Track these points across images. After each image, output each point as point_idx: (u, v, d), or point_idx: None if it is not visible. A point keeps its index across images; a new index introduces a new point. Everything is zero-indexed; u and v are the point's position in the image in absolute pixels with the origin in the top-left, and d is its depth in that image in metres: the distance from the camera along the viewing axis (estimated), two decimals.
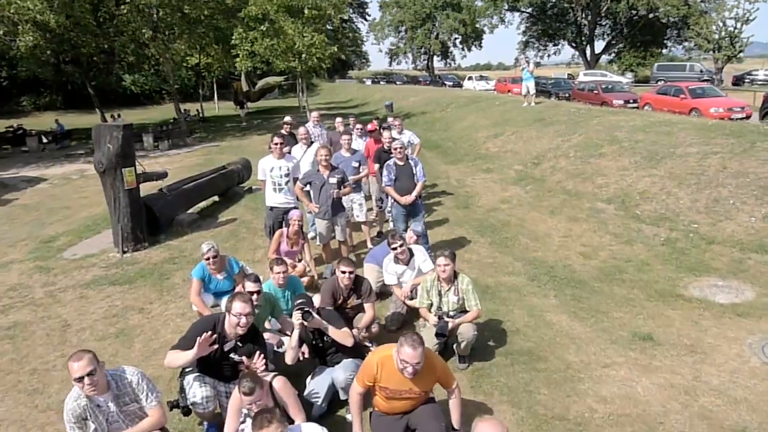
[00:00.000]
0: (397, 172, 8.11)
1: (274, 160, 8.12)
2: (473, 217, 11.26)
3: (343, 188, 7.87)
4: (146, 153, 23.71)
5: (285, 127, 11.68)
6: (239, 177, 13.29)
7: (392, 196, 8.21)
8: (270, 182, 8.11)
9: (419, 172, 8.17)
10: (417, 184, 8.15)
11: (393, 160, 8.16)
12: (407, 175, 8.12)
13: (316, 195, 7.84)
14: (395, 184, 8.12)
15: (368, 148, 10.15)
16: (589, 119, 17.05)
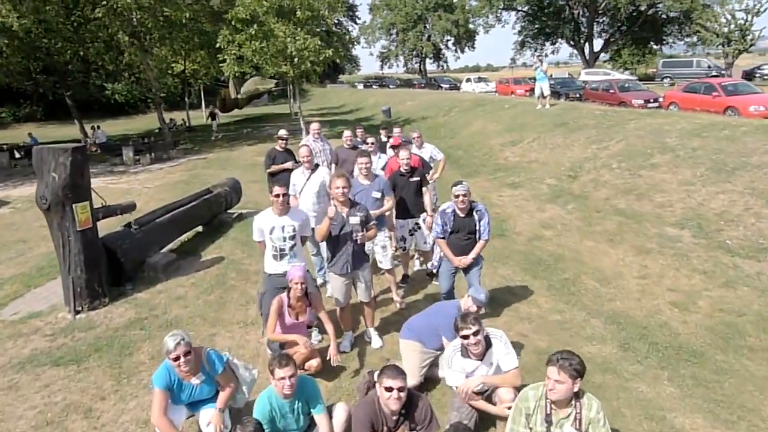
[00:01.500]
0: (455, 223, 6.12)
1: (274, 217, 5.85)
2: (514, 248, 9.19)
3: (367, 230, 5.82)
4: (126, 169, 21.59)
5: (280, 143, 9.61)
6: (227, 202, 11.18)
7: (444, 253, 6.28)
8: (270, 246, 5.89)
9: (484, 228, 6.17)
10: (479, 242, 6.20)
11: (453, 208, 6.12)
12: (467, 230, 6.15)
13: (333, 239, 5.78)
14: (449, 237, 6.14)
15: (390, 168, 8.07)
16: (623, 123, 15.05)
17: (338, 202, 5.67)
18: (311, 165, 7.39)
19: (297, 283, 5.17)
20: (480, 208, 6.18)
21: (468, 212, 6.10)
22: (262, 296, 5.94)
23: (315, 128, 9.90)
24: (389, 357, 5.83)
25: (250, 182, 15.79)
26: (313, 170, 7.38)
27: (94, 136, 28.11)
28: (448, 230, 6.12)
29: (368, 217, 5.82)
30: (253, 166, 19.26)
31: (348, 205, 5.71)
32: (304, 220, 6.04)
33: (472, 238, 6.14)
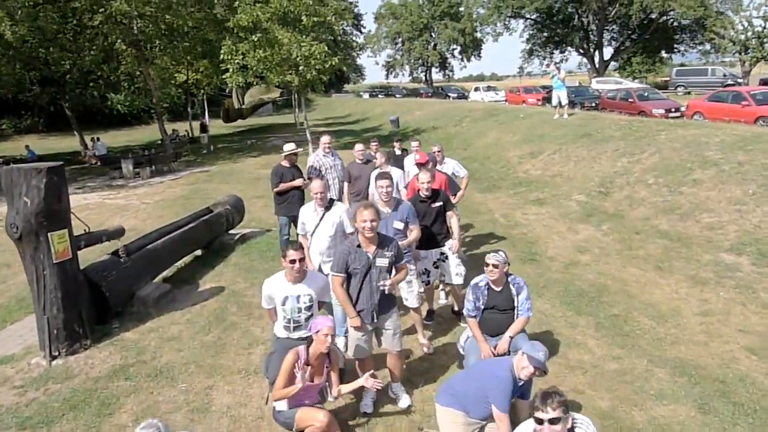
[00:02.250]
0: (489, 299, 5.13)
1: (287, 284, 4.76)
2: (550, 276, 8.17)
3: (398, 270, 4.88)
4: (125, 182, 20.68)
5: (290, 160, 8.66)
6: (228, 222, 10.21)
7: (474, 336, 5.18)
8: (282, 316, 4.84)
9: (523, 303, 5.13)
10: (518, 319, 5.15)
11: (486, 281, 5.15)
12: (503, 306, 5.13)
13: (355, 287, 4.80)
14: (483, 313, 5.16)
15: (412, 187, 7.10)
16: (653, 134, 14.07)
17: (365, 238, 4.70)
18: (324, 202, 6.12)
19: (326, 334, 4.20)
20: (518, 282, 5.19)
21: (503, 285, 5.14)
22: (270, 357, 4.92)
23: (325, 141, 8.96)
24: (421, 422, 4.83)
25: (253, 198, 14.87)
26: (328, 207, 6.14)
27: (93, 148, 27.26)
28: (480, 307, 5.15)
29: (399, 254, 4.85)
30: (256, 180, 18.32)
31: (376, 242, 4.74)
32: (323, 287, 5.03)
33: (511, 312, 5.15)
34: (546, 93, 34.19)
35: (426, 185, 6.21)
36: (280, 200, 8.73)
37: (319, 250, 6.06)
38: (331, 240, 6.04)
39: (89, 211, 15.15)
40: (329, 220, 6.06)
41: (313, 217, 6.12)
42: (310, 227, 6.12)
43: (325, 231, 6.05)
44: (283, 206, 8.72)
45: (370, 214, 4.61)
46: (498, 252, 5.13)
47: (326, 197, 6.14)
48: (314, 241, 6.10)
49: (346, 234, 6.00)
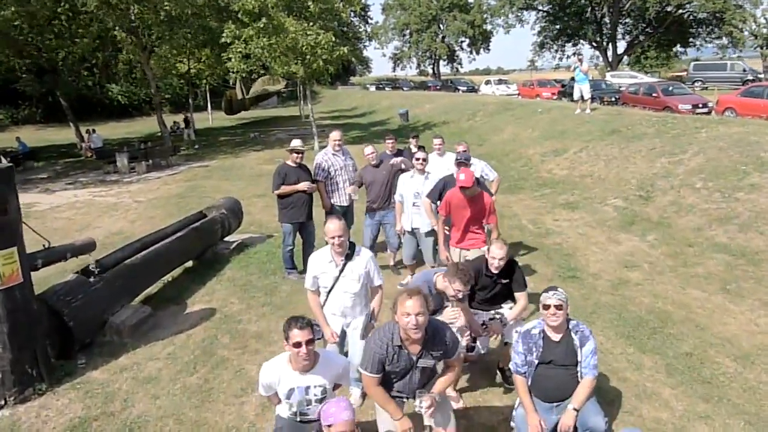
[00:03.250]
0: (545, 351, 3.99)
1: (292, 373, 3.64)
2: (598, 299, 6.95)
3: (444, 370, 3.84)
4: (119, 177, 19.53)
5: (293, 157, 7.48)
6: (223, 228, 9.00)
7: (523, 404, 4.00)
8: (286, 407, 3.69)
9: (587, 357, 3.96)
10: (583, 380, 3.96)
11: (541, 327, 4.05)
12: (562, 359, 3.98)
13: (389, 381, 3.68)
14: (536, 369, 4.01)
15: (446, 204, 5.97)
16: (692, 131, 12.82)
17: (408, 336, 3.50)
18: (344, 248, 4.51)
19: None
20: (581, 329, 4.03)
21: (563, 333, 3.99)
22: None
23: (335, 138, 7.78)
24: None
25: (254, 197, 13.73)
26: (349, 256, 4.57)
27: (88, 141, 26.06)
28: (533, 361, 3.96)
29: (451, 348, 3.70)
30: (258, 177, 17.14)
31: (422, 341, 3.55)
32: (341, 374, 3.90)
33: (572, 370, 3.96)
34: (561, 87, 32.95)
35: (497, 262, 4.80)
36: (284, 205, 7.57)
37: (340, 310, 4.69)
38: (355, 297, 4.67)
39: (75, 210, 14.03)
40: (352, 272, 4.57)
41: (329, 270, 4.57)
42: (327, 282, 4.60)
43: (348, 287, 4.59)
44: (287, 212, 7.58)
45: (415, 306, 3.35)
46: (557, 289, 3.94)
47: (346, 243, 4.50)
48: (332, 299, 4.66)
49: (374, 284, 4.73)
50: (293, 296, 7.20)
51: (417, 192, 6.94)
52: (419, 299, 3.36)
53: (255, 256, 8.82)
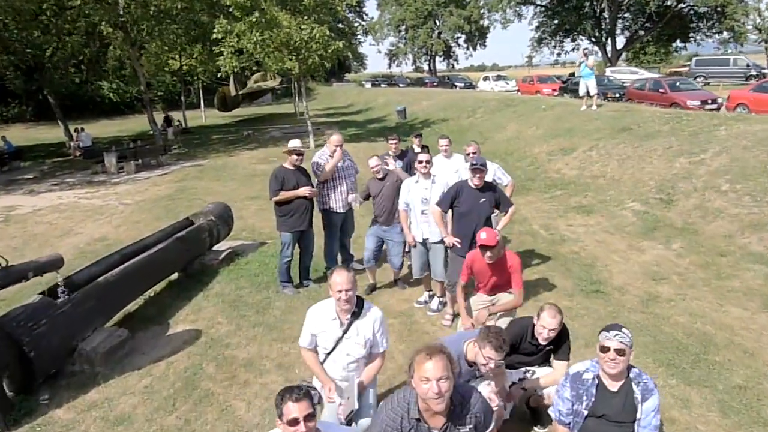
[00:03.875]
0: (597, 401, 3.36)
1: None
2: (627, 318, 6.23)
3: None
4: (107, 178, 18.72)
5: (291, 159, 6.77)
6: (212, 237, 8.25)
7: None
8: None
9: (649, 415, 3.26)
10: None
11: (595, 373, 3.40)
12: (618, 415, 3.30)
13: None
14: (585, 423, 3.36)
15: (468, 268, 5.26)
16: (710, 129, 12.14)
17: (429, 406, 2.79)
18: (351, 305, 3.79)
19: None
20: (645, 380, 3.32)
21: (623, 382, 3.31)
22: None
23: (335, 141, 7.06)
24: None
25: (246, 200, 13.00)
26: (356, 314, 3.86)
27: (77, 139, 25.22)
28: (583, 412, 3.25)
29: (479, 423, 2.97)
30: (251, 177, 16.41)
31: (446, 413, 2.85)
32: None
33: (628, 428, 3.27)
34: (562, 83, 32.27)
35: (547, 333, 3.99)
36: (282, 212, 6.84)
37: (340, 376, 3.93)
38: (359, 364, 3.93)
39: (58, 214, 13.27)
40: (358, 334, 3.86)
41: (332, 329, 3.86)
42: (327, 343, 3.90)
43: (352, 350, 3.87)
44: (286, 220, 6.86)
45: (437, 369, 2.66)
46: (620, 330, 3.22)
47: (354, 299, 3.77)
48: (331, 364, 3.94)
49: (378, 350, 3.99)
50: (287, 315, 6.48)
51: (424, 198, 6.23)
52: (442, 360, 2.67)
53: (246, 267, 8.08)
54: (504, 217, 6.00)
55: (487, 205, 5.72)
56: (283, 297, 7.02)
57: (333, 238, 7.61)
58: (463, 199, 5.73)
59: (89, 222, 12.37)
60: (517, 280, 5.05)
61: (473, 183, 5.67)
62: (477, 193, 5.69)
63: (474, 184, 5.67)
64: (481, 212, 5.72)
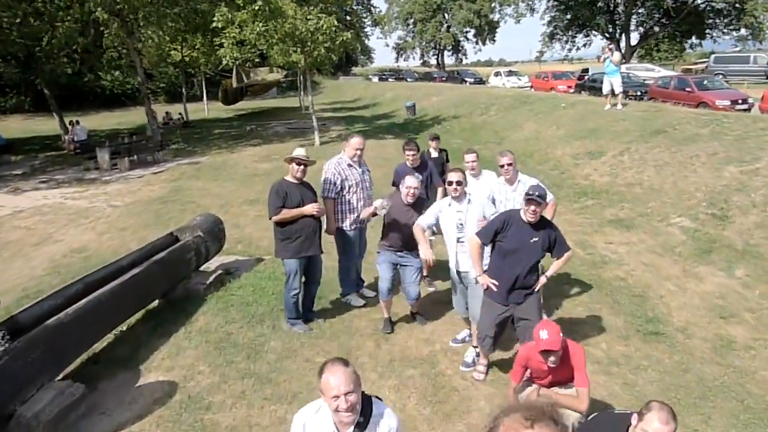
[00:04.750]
0: None
1: None
2: (701, 373, 5.06)
3: None
4: (99, 175, 17.61)
5: (294, 170, 5.62)
6: (199, 257, 7.08)
7: None
8: None
9: None
10: None
11: None
12: None
13: None
14: None
15: (521, 368, 4.16)
16: (756, 134, 10.96)
17: None
18: (355, 413, 2.58)
19: None
20: None
21: None
22: None
23: (357, 147, 5.96)
24: None
25: (245, 204, 11.89)
26: (362, 425, 2.65)
27: (72, 133, 24.09)
28: None
29: None
30: (252, 177, 15.26)
31: None
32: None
33: None
34: (578, 79, 31.02)
35: None
36: (285, 234, 5.67)
37: None
38: None
39: (40, 217, 12.20)
40: None
41: None
42: None
43: None
44: (290, 245, 5.70)
45: None
46: None
47: (356, 404, 2.58)
48: None
49: None
50: (284, 361, 5.34)
51: (460, 223, 5.08)
52: None
53: (238, 292, 6.92)
54: (556, 262, 4.80)
55: (539, 246, 4.57)
56: (280, 335, 5.86)
57: (350, 260, 6.52)
58: (510, 234, 4.57)
59: (71, 227, 11.25)
60: (583, 378, 3.86)
61: (526, 217, 4.50)
62: (529, 230, 4.54)
63: (528, 218, 4.50)
64: (531, 255, 4.58)
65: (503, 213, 4.82)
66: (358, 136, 6.18)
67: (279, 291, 6.58)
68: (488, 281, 4.69)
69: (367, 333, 5.95)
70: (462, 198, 5.12)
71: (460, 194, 5.12)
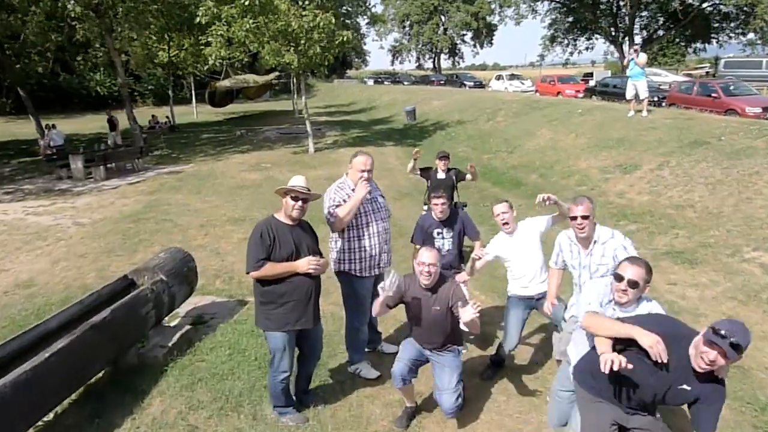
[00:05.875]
0: None
1: None
2: None
3: None
4: (72, 185, 15.97)
5: (289, 208, 3.96)
6: (159, 308, 5.40)
7: None
8: None
9: None
10: None
11: None
12: None
13: None
14: None
15: None
16: None
17: None
18: None
19: None
20: None
21: None
22: None
23: (362, 165, 4.38)
24: None
25: (228, 224, 10.31)
26: None
27: (48, 137, 22.33)
28: None
29: None
30: (238, 190, 13.64)
31: None
32: None
33: None
34: (585, 83, 29.57)
35: None
36: (267, 297, 4.02)
37: None
38: None
39: None
40: None
41: None
42: None
43: None
44: (272, 311, 4.04)
45: None
46: None
47: None
48: None
49: None
50: None
51: None
52: None
53: (210, 356, 5.27)
54: None
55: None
56: (263, 430, 4.22)
57: (360, 316, 4.89)
58: None
59: (24, 252, 9.57)
60: None
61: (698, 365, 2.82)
62: None
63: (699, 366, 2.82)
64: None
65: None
66: (363, 155, 4.57)
67: (264, 355, 5.00)
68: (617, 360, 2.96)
69: (383, 427, 4.32)
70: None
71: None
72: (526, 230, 4.74)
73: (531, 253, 4.66)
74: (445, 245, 5.16)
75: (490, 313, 6.12)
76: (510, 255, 4.69)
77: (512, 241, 4.70)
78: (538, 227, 4.73)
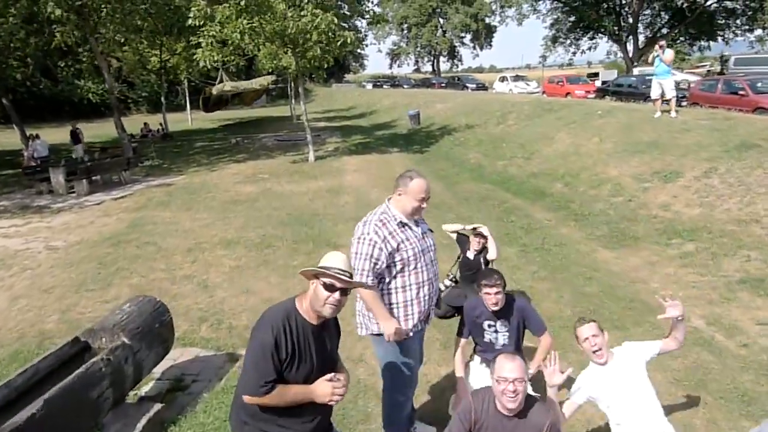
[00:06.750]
0: None
1: None
2: None
3: None
4: (52, 200, 14.70)
5: (321, 300, 2.56)
6: (118, 385, 4.08)
7: None
8: None
9: None
10: None
11: None
12: None
13: None
14: None
15: None
16: None
17: None
18: None
19: None
20: None
21: None
22: None
23: (422, 193, 3.21)
24: None
25: (219, 247, 9.08)
26: None
27: (31, 148, 21.03)
28: None
29: None
30: (232, 206, 12.34)
31: None
32: None
33: None
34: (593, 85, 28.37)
35: None
36: (261, 417, 2.62)
37: None
38: None
39: None
40: None
41: None
42: None
43: None
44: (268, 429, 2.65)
45: None
46: None
47: None
48: None
49: None
50: None
51: None
52: None
53: None
54: None
55: None
56: None
57: (405, 392, 3.71)
58: None
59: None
60: None
61: None
62: None
63: None
64: None
65: None
66: (419, 176, 3.32)
67: None
68: None
69: None
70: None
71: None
72: (627, 358, 3.41)
73: (637, 390, 3.29)
74: (499, 339, 3.80)
75: None
76: (606, 393, 3.31)
77: (607, 373, 3.33)
78: (642, 354, 3.42)
